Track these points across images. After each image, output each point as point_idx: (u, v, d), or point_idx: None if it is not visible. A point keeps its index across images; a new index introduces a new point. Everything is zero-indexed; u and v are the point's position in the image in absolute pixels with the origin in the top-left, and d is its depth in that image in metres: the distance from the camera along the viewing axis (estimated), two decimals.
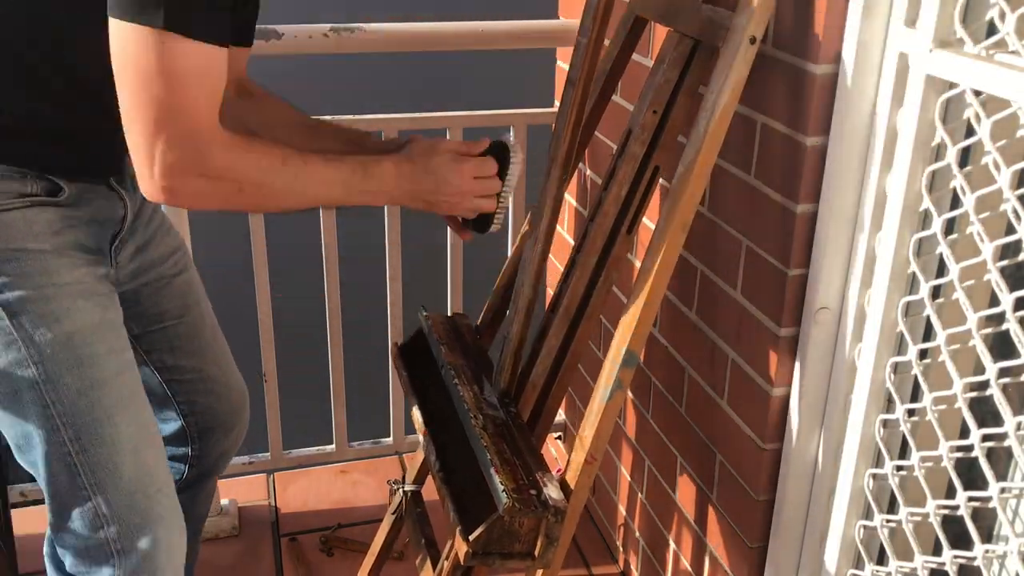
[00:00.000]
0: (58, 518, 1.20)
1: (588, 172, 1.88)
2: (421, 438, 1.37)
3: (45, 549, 1.31)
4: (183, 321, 1.41)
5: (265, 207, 1.20)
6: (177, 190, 1.07)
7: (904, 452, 1.21)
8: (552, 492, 1.17)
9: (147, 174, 1.05)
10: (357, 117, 1.92)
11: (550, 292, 2.07)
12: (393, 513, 1.65)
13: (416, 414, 1.39)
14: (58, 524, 1.21)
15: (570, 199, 1.99)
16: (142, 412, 1.23)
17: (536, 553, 1.17)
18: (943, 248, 1.06)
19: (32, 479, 1.24)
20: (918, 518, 1.14)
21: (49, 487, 1.19)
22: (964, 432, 1.03)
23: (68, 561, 1.24)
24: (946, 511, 1.08)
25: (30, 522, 1.97)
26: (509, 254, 2.11)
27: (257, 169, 1.12)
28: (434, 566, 1.45)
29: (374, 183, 1.22)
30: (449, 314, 1.59)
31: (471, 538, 1.13)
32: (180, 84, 1.01)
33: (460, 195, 1.28)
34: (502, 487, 1.15)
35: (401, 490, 1.61)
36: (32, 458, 1.19)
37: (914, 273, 1.12)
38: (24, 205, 1.14)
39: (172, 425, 1.46)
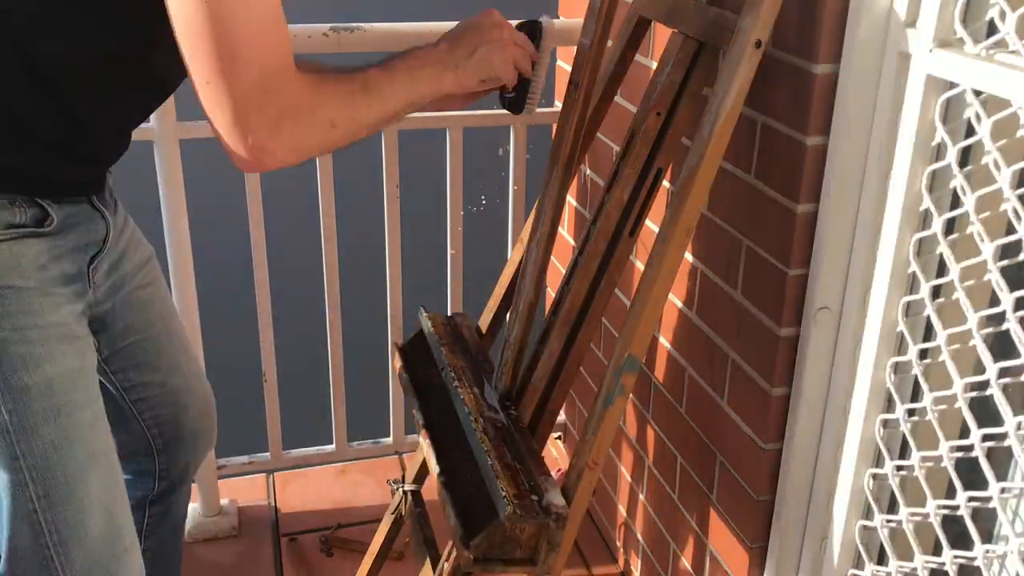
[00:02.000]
0: None
1: (589, 173, 1.88)
2: (422, 440, 1.36)
3: None
4: (148, 335, 1.35)
5: (356, 136, 1.14)
6: (276, 148, 1.01)
7: (904, 452, 1.21)
8: (554, 498, 1.16)
9: (242, 143, 0.99)
10: None
11: (551, 294, 2.07)
12: (393, 513, 1.65)
13: (417, 415, 1.39)
14: None
15: (571, 200, 1.99)
16: (113, 466, 1.17)
17: (538, 559, 1.16)
18: (943, 248, 1.06)
19: None
20: (918, 518, 1.14)
21: (7, 544, 1.10)
22: (964, 432, 1.03)
23: None
24: (946, 511, 1.08)
25: None
26: (509, 254, 2.11)
27: (343, 101, 1.09)
28: (434, 566, 1.45)
29: (429, 65, 1.19)
30: (450, 314, 1.59)
31: (472, 545, 1.12)
32: (256, 38, 0.97)
33: (503, 45, 1.24)
34: (503, 493, 1.14)
35: (401, 490, 1.61)
36: None
37: (914, 273, 1.12)
38: (11, 237, 1.07)
39: (137, 440, 1.40)
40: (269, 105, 0.99)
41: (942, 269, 1.12)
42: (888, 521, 1.21)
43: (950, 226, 1.10)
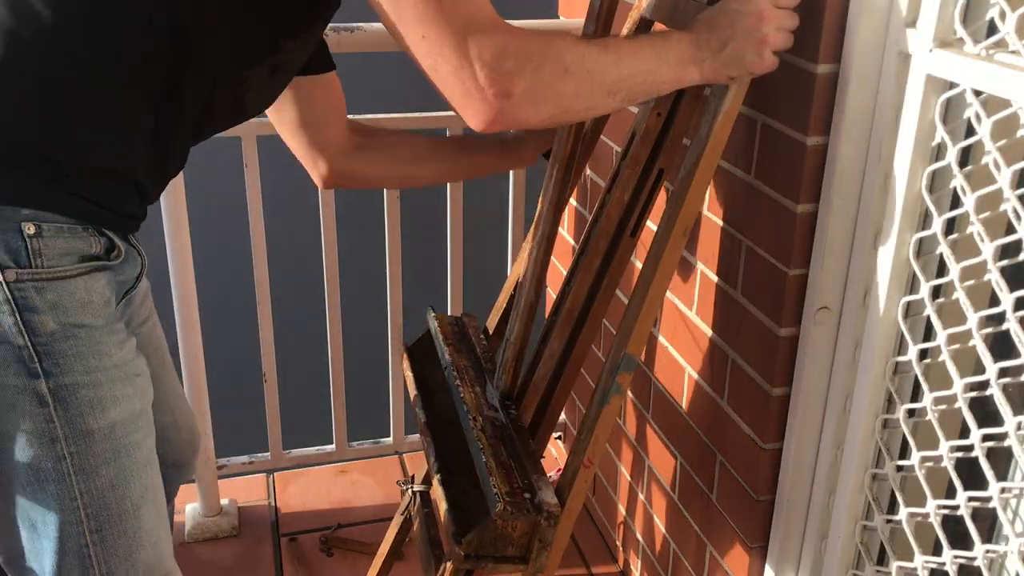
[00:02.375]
0: None
1: (590, 173, 1.88)
2: (423, 439, 1.36)
3: None
4: (149, 370, 1.30)
5: (592, 99, 1.04)
6: (508, 84, 0.96)
7: (904, 452, 1.21)
8: (546, 496, 1.16)
9: (472, 83, 0.96)
10: (357, 117, 1.92)
11: (552, 294, 2.07)
12: (402, 513, 1.65)
13: (419, 415, 1.39)
14: None
15: (572, 201, 1.99)
16: (161, 499, 1.17)
17: (529, 557, 1.16)
18: (943, 248, 1.06)
19: None
20: (918, 518, 1.14)
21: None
22: (964, 432, 1.03)
23: None
24: (946, 511, 1.08)
25: None
26: (510, 255, 2.11)
27: (576, 49, 1.01)
28: (438, 565, 1.45)
29: (678, 47, 1.07)
30: (457, 315, 1.59)
31: (463, 541, 1.13)
32: None
33: (759, 20, 1.07)
34: (495, 490, 1.15)
35: (410, 490, 1.61)
36: (37, 548, 1.08)
37: (914, 273, 1.12)
38: (87, 271, 1.03)
39: None
40: (490, 38, 0.94)
41: (942, 269, 1.12)
42: (888, 521, 1.21)
43: (950, 226, 1.10)
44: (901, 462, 1.18)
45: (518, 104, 0.98)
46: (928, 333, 1.16)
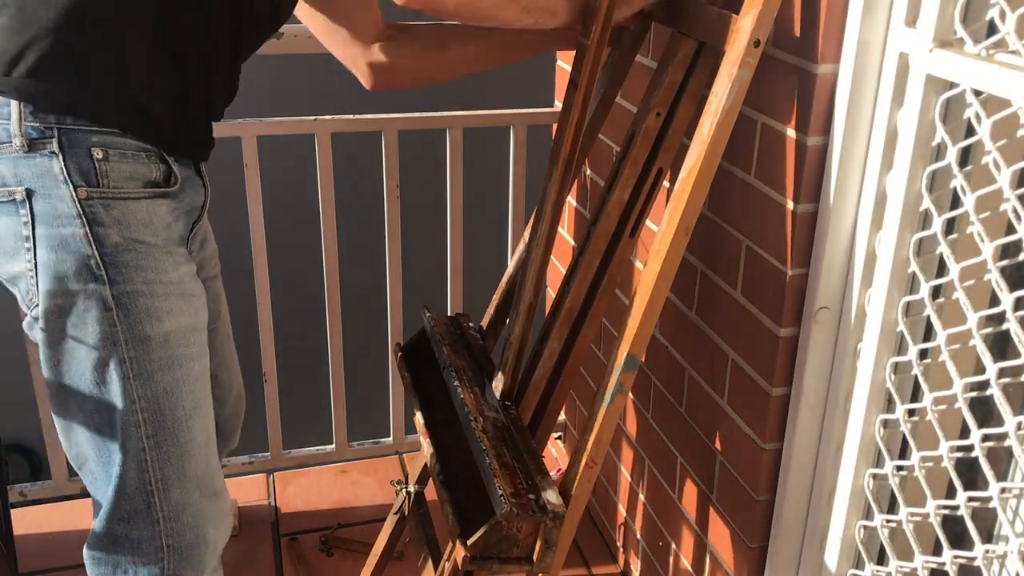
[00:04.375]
0: (113, 513, 1.20)
1: (590, 173, 1.88)
2: (422, 440, 1.36)
3: (86, 550, 1.27)
4: (216, 327, 1.42)
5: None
6: None
7: (904, 452, 1.21)
8: (551, 497, 1.16)
9: None
10: (357, 117, 1.92)
11: (551, 294, 2.07)
12: (396, 514, 1.65)
13: (417, 415, 1.39)
14: (111, 519, 1.20)
15: (571, 201, 1.99)
16: (211, 418, 1.25)
17: (535, 558, 1.16)
18: (943, 248, 1.06)
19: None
20: (918, 518, 1.14)
21: (116, 481, 1.18)
22: (964, 432, 1.03)
23: (115, 558, 1.23)
24: (946, 511, 1.08)
25: (30, 522, 1.97)
26: (510, 255, 2.11)
27: None
28: (435, 567, 1.45)
29: None
30: (452, 315, 1.59)
31: (469, 542, 1.13)
32: None
33: None
34: (500, 492, 1.14)
35: (404, 491, 1.61)
36: (105, 451, 1.18)
37: (914, 273, 1.12)
38: (149, 196, 1.15)
39: None
40: None
41: (942, 269, 1.12)
42: (888, 521, 1.21)
43: (950, 226, 1.10)
44: (901, 462, 1.18)
45: None
46: (928, 333, 1.16)
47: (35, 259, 1.12)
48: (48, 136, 1.09)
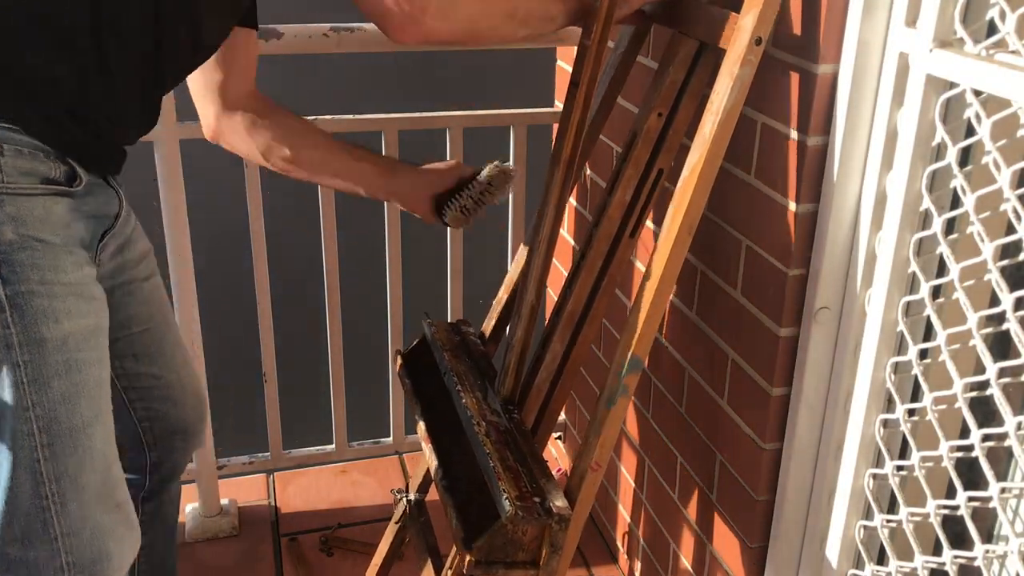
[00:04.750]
0: (5, 535, 1.11)
1: (591, 174, 1.88)
2: (424, 446, 1.36)
3: None
4: (148, 328, 1.37)
5: (496, 13, 1.28)
6: (425, 11, 1.16)
7: (904, 452, 1.21)
8: (556, 500, 1.16)
9: (396, 12, 1.15)
10: (357, 117, 1.92)
11: (553, 296, 2.07)
12: (397, 522, 1.64)
13: (420, 422, 1.39)
14: (4, 541, 1.11)
15: (572, 202, 1.99)
16: (111, 426, 1.19)
17: (540, 562, 1.16)
18: (943, 248, 1.06)
19: None
20: (918, 518, 1.14)
21: (6, 494, 1.10)
22: (964, 432, 1.03)
23: None
24: (946, 511, 1.08)
25: None
26: (510, 255, 2.11)
27: None
28: (437, 573, 1.44)
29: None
30: (452, 321, 1.59)
31: (474, 547, 1.12)
32: None
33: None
34: (505, 495, 1.14)
35: (404, 499, 1.60)
36: None
37: (914, 273, 1.12)
38: (46, 192, 1.10)
39: (127, 433, 1.42)
40: None
41: (942, 269, 1.12)
42: (888, 521, 1.21)
43: (950, 226, 1.10)
44: (901, 462, 1.18)
45: (431, 19, 1.18)
46: (928, 333, 1.16)
47: None
48: None
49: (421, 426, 1.38)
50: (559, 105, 2.07)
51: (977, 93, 1.00)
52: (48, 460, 1.10)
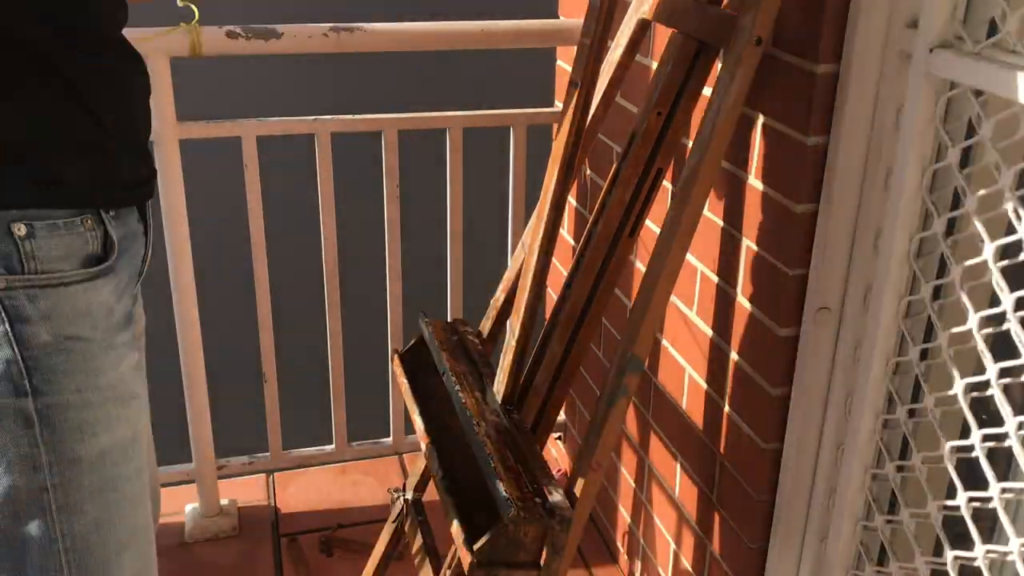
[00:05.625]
0: None
1: (590, 174, 1.88)
2: (423, 446, 1.36)
3: None
4: None
5: None
6: None
7: (905, 452, 1.21)
8: (557, 500, 1.15)
9: None
10: (357, 117, 1.92)
11: (552, 296, 2.07)
12: (394, 522, 1.64)
13: (417, 422, 1.38)
14: None
15: (572, 201, 1.99)
16: (150, 543, 1.05)
17: (541, 563, 1.15)
18: (944, 248, 1.06)
19: None
20: (919, 518, 1.14)
21: None
22: (965, 432, 1.03)
23: None
24: (947, 511, 1.08)
25: None
26: (510, 255, 2.11)
27: None
28: (436, 573, 1.44)
29: None
30: (450, 320, 1.59)
31: (475, 548, 1.12)
32: None
33: None
34: (506, 496, 1.14)
35: (402, 498, 1.60)
36: None
37: (915, 273, 1.12)
38: (87, 278, 0.93)
39: None
40: None
41: (942, 269, 1.12)
42: (889, 521, 1.20)
43: (950, 226, 1.09)
44: (901, 462, 1.18)
45: None
46: (929, 333, 1.16)
47: None
48: None
49: (419, 425, 1.38)
50: (559, 105, 2.07)
51: (977, 93, 1.00)
52: None
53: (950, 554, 1.07)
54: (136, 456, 1.00)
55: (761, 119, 1.27)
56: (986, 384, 0.99)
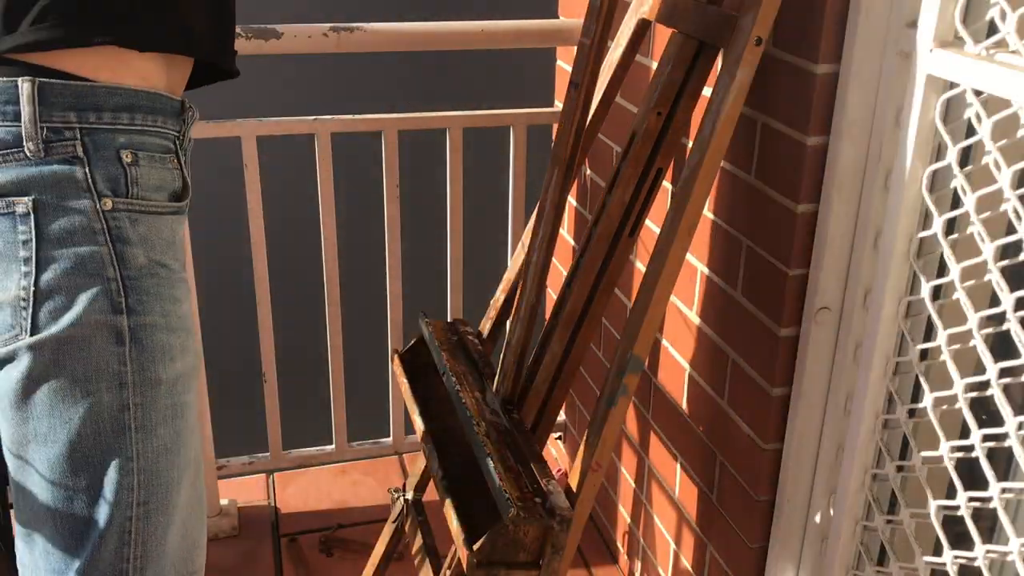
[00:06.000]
0: None
1: (590, 174, 1.88)
2: (423, 446, 1.36)
3: None
4: None
5: None
6: None
7: (905, 452, 1.21)
8: (557, 500, 1.15)
9: None
10: (357, 117, 1.92)
11: (552, 296, 2.07)
12: (394, 522, 1.64)
13: (417, 422, 1.38)
14: None
15: (572, 201, 1.99)
16: (200, 476, 1.07)
17: (541, 563, 1.16)
18: (944, 248, 1.06)
19: None
20: (919, 519, 1.14)
21: (84, 563, 0.96)
22: (965, 432, 1.03)
23: None
24: (947, 511, 1.08)
25: None
26: (510, 255, 2.11)
27: None
28: (435, 574, 1.44)
29: None
30: (450, 320, 1.59)
31: (475, 548, 1.12)
32: None
33: None
34: (506, 495, 1.14)
35: (402, 498, 1.60)
36: (78, 522, 0.96)
37: (914, 273, 1.12)
38: (172, 211, 0.99)
39: None
40: None
41: (942, 269, 1.12)
42: (889, 522, 1.20)
43: (950, 226, 1.09)
44: (901, 462, 1.18)
45: None
46: (929, 333, 1.16)
47: (35, 283, 0.92)
48: (69, 138, 0.92)
49: (419, 426, 1.38)
50: (559, 105, 2.07)
51: (977, 93, 1.00)
52: (140, 519, 0.98)
53: (950, 554, 1.07)
54: (195, 388, 1.04)
55: (761, 119, 1.27)
56: (986, 384, 0.99)
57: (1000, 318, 0.98)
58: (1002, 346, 0.99)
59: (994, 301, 1.00)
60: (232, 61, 1.09)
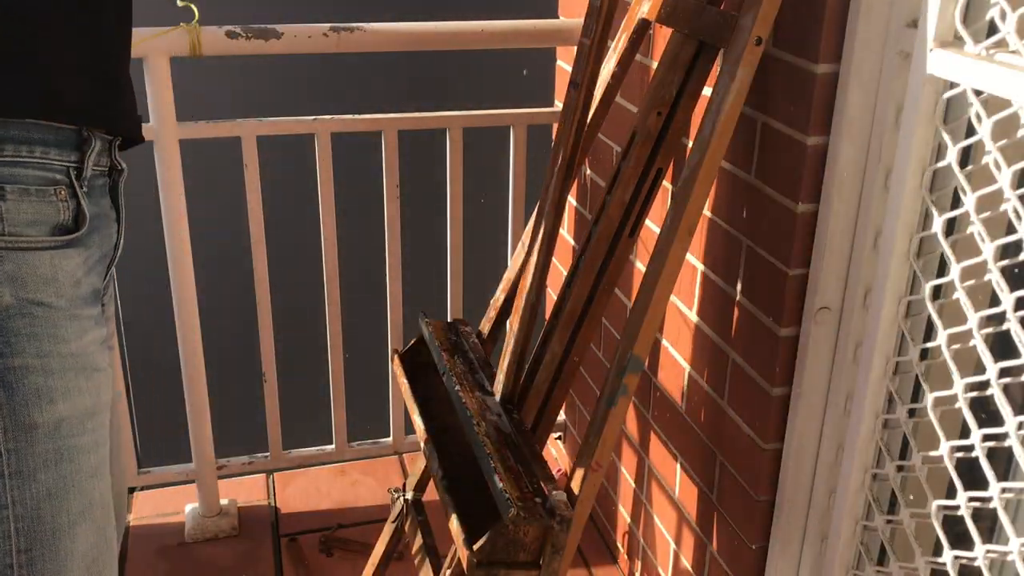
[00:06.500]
0: None
1: (590, 174, 1.88)
2: (423, 446, 1.36)
3: None
4: None
5: None
6: None
7: (905, 452, 1.21)
8: (558, 500, 1.15)
9: None
10: (357, 117, 1.92)
11: (552, 296, 2.07)
12: (394, 521, 1.64)
13: (417, 422, 1.38)
14: None
15: (572, 201, 1.99)
16: (107, 520, 1.02)
17: (542, 563, 1.16)
18: (944, 248, 1.06)
19: None
20: (919, 518, 1.14)
21: None
22: (965, 432, 1.03)
23: None
24: (947, 511, 1.08)
25: None
26: (510, 255, 2.11)
27: None
28: (435, 573, 1.44)
29: None
30: (450, 320, 1.59)
31: (475, 548, 1.12)
32: None
33: None
34: (506, 495, 1.14)
35: (402, 498, 1.60)
36: None
37: (914, 273, 1.12)
38: (55, 245, 0.93)
39: None
40: None
41: (942, 269, 1.12)
42: (889, 521, 1.21)
43: (950, 226, 1.09)
44: (901, 462, 1.18)
45: None
46: (929, 333, 1.16)
47: None
48: None
49: (419, 426, 1.38)
50: (559, 105, 2.07)
51: (977, 93, 1.00)
52: (23, 567, 0.94)
53: (950, 554, 1.07)
54: (95, 429, 0.98)
55: (761, 119, 1.27)
56: (986, 384, 0.99)
57: (1000, 318, 0.98)
58: (1002, 346, 0.99)
59: (994, 301, 1.00)
60: (134, 129, 1.04)
